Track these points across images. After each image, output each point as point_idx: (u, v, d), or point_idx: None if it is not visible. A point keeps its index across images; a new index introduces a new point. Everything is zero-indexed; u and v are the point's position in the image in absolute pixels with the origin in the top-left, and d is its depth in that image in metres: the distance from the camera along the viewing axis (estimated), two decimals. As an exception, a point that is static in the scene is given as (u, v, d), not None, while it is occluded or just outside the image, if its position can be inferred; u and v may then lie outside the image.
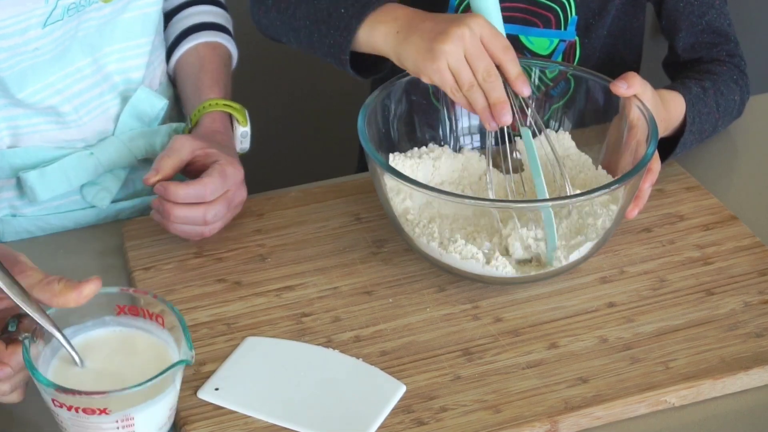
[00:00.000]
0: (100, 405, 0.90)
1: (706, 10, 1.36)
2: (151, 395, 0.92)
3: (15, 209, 1.30)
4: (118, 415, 0.91)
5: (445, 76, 1.14)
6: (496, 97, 1.14)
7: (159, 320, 0.97)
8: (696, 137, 1.30)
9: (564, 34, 1.39)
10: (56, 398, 0.91)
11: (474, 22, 1.14)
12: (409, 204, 1.16)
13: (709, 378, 1.04)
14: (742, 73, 1.37)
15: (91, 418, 0.91)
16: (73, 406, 0.91)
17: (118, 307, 0.98)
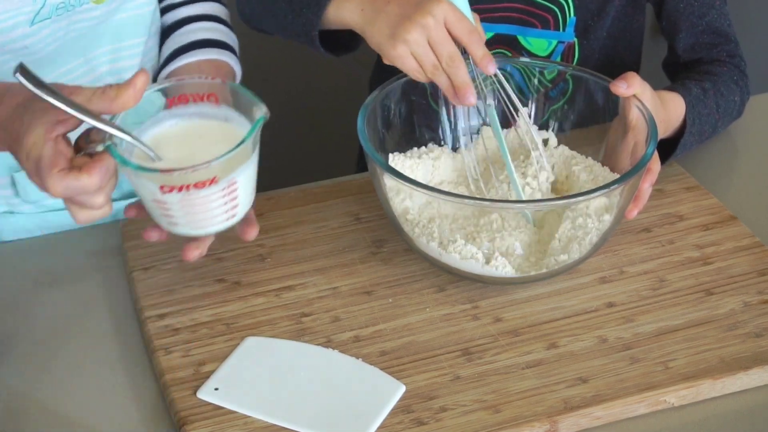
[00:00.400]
0: (208, 175, 0.95)
1: (706, 10, 1.36)
2: (246, 156, 0.97)
3: (12, 207, 1.30)
4: (224, 182, 0.96)
5: (406, 62, 1.15)
6: (460, 81, 1.14)
7: (211, 99, 0.99)
8: (696, 138, 1.30)
9: (562, 36, 1.39)
10: (165, 183, 0.94)
11: (438, 8, 1.13)
12: (409, 204, 1.16)
13: (708, 378, 1.04)
14: (742, 74, 1.37)
15: (201, 192, 0.96)
16: (183, 185, 0.94)
17: (168, 101, 1.00)
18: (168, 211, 0.98)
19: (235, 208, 1.01)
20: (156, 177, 0.95)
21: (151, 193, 0.97)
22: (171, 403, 1.03)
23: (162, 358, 1.07)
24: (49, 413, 1.04)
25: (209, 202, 0.98)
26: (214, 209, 0.99)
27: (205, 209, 0.99)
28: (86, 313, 1.15)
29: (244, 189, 1.00)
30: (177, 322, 1.11)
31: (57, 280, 1.20)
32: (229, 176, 0.97)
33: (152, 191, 0.97)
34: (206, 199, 0.97)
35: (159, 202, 0.98)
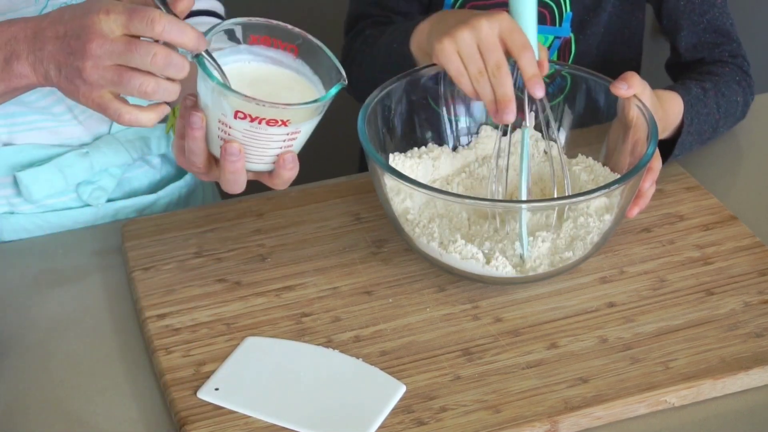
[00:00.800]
0: (284, 116, 0.98)
1: (707, 8, 1.36)
2: (317, 112, 1.00)
3: (13, 206, 1.30)
4: (292, 127, 0.99)
5: (451, 58, 1.13)
6: (503, 94, 1.12)
7: (292, 51, 1.01)
8: (695, 138, 1.30)
9: (558, 31, 1.39)
10: (242, 109, 0.97)
11: (496, 16, 1.13)
12: (409, 204, 1.16)
13: (709, 378, 1.04)
14: (745, 74, 1.37)
15: (270, 129, 0.99)
16: (258, 117, 0.97)
17: (252, 37, 1.02)
18: (228, 136, 1.01)
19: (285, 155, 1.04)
20: (237, 100, 0.97)
21: (223, 115, 0.99)
22: (171, 403, 1.03)
23: (162, 358, 1.07)
24: (49, 413, 1.04)
25: (270, 142, 1.01)
26: (270, 150, 1.02)
27: (262, 146, 1.01)
28: (86, 313, 1.15)
29: (301, 141, 1.03)
30: (177, 322, 1.11)
31: (57, 280, 1.20)
32: (297, 124, 1.00)
33: (225, 113, 0.99)
34: (269, 138, 1.00)
35: (224, 125, 1.00)
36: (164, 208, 1.36)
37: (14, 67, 1.02)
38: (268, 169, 1.05)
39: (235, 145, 1.01)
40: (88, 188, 1.31)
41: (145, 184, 1.37)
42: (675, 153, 1.29)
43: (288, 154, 1.03)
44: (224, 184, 1.06)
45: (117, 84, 0.97)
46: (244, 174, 1.04)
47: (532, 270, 1.12)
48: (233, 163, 1.02)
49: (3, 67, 1.02)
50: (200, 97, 1.01)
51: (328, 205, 1.27)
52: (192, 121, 1.02)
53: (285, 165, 1.04)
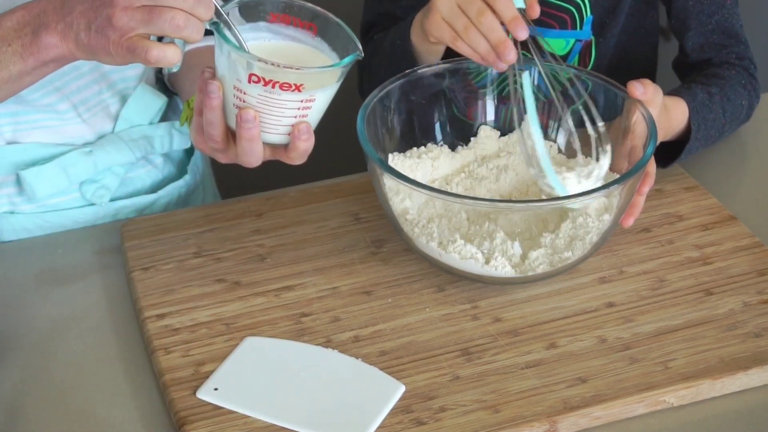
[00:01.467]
0: (298, 80, 0.99)
1: (716, 9, 1.36)
2: (332, 80, 1.02)
3: (14, 206, 1.30)
4: (306, 93, 1.00)
5: (442, 27, 1.17)
6: (496, 38, 1.15)
7: (311, 29, 1.03)
8: (702, 143, 1.30)
9: (580, 34, 1.39)
10: (256, 72, 0.98)
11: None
12: (408, 204, 1.16)
13: (708, 378, 1.04)
14: (751, 77, 1.36)
15: (284, 95, 1.00)
16: (271, 80, 0.99)
17: (271, 15, 1.04)
18: (243, 104, 1.02)
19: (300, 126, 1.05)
20: (250, 62, 0.99)
21: (238, 80, 1.01)
22: (170, 403, 1.03)
23: (162, 358, 1.07)
24: (49, 413, 1.04)
25: (284, 109, 1.02)
26: (284, 118, 1.03)
27: (277, 113, 1.02)
28: (86, 313, 1.15)
29: (316, 112, 1.04)
30: (177, 322, 1.11)
31: (57, 280, 1.20)
32: (312, 91, 1.01)
33: (239, 78, 1.00)
34: (283, 104, 1.01)
35: (240, 91, 1.01)
36: (164, 208, 1.36)
37: (42, 38, 1.04)
38: (284, 141, 1.05)
39: (250, 111, 1.02)
40: (91, 187, 1.31)
41: (147, 184, 1.37)
42: (681, 157, 1.29)
43: (302, 124, 1.04)
44: (241, 156, 1.07)
45: (148, 22, 0.99)
46: (259, 143, 1.05)
47: (531, 270, 1.12)
48: (249, 130, 1.04)
49: (32, 41, 1.04)
50: (216, 66, 1.03)
51: (327, 205, 1.27)
52: (209, 90, 1.03)
53: (300, 135, 1.05)
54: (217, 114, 1.05)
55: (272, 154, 1.08)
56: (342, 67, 1.02)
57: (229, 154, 1.09)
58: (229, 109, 1.04)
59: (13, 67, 1.06)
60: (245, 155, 1.06)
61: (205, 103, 1.05)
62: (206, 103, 1.04)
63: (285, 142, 1.06)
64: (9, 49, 1.05)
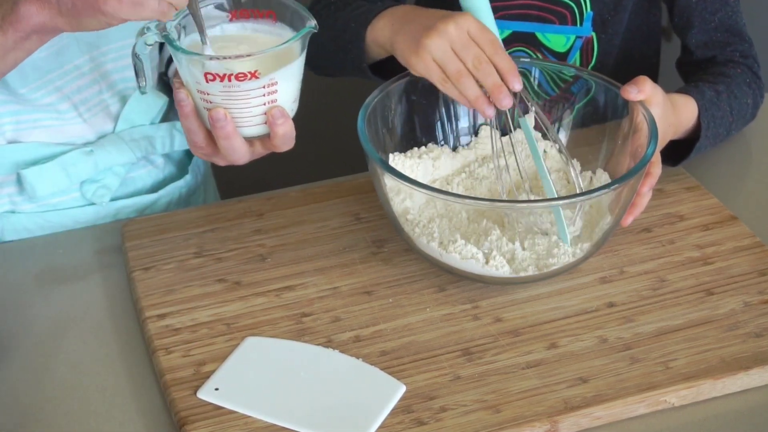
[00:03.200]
0: (250, 68, 1.00)
1: (719, 6, 1.36)
2: (289, 59, 1.02)
3: (15, 205, 1.30)
4: (265, 79, 1.01)
5: (430, 67, 1.16)
6: (493, 82, 1.14)
7: (270, 16, 1.05)
8: (711, 142, 1.30)
9: (580, 30, 1.39)
10: (208, 70, 0.99)
11: (461, 18, 1.16)
12: (409, 204, 1.16)
13: (709, 378, 1.04)
14: (755, 76, 1.36)
15: (243, 85, 1.01)
16: (225, 74, 1.00)
17: (230, 14, 1.05)
18: (210, 104, 1.03)
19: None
20: (200, 63, 1.00)
21: (197, 83, 1.02)
22: (171, 403, 1.03)
23: (162, 358, 1.07)
24: (49, 413, 1.04)
25: (249, 99, 1.02)
26: (253, 108, 1.03)
27: (244, 105, 1.03)
28: (86, 313, 1.15)
29: (284, 94, 1.04)
30: (177, 322, 1.11)
31: (57, 279, 1.20)
32: (270, 75, 1.01)
33: (197, 80, 1.02)
34: (246, 95, 1.02)
35: (203, 93, 1.03)
36: (164, 208, 1.36)
37: (21, 8, 1.03)
38: (264, 131, 1.06)
39: (219, 110, 1.03)
40: (92, 187, 1.31)
41: (148, 184, 1.37)
42: (690, 156, 1.29)
43: (274, 109, 1.04)
44: (225, 156, 1.08)
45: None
46: (238, 139, 1.06)
47: (523, 270, 1.12)
48: (222, 128, 1.04)
49: (11, 11, 1.04)
50: (181, 77, 1.05)
51: (328, 205, 1.27)
52: (179, 99, 1.05)
53: (275, 121, 1.05)
54: (193, 120, 1.06)
55: (262, 147, 1.09)
56: (293, 42, 1.02)
57: (221, 157, 1.10)
58: (201, 112, 1.06)
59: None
60: (228, 154, 1.07)
61: (180, 112, 1.06)
62: (180, 112, 1.06)
63: (265, 131, 1.07)
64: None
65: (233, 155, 1.07)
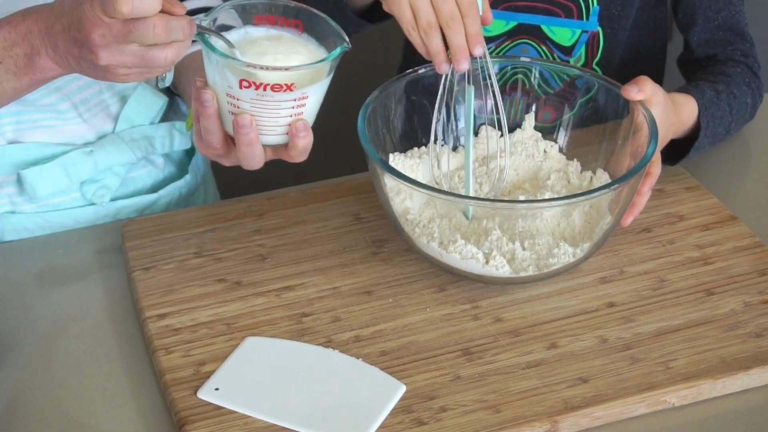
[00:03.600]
0: (288, 80, 1.00)
1: (723, 6, 1.36)
2: (322, 76, 1.02)
3: (15, 205, 1.30)
4: (298, 92, 1.01)
5: (404, 8, 1.13)
6: (458, 43, 1.13)
7: (297, 26, 1.04)
8: (710, 141, 1.30)
9: (586, 25, 1.39)
10: (246, 77, 0.98)
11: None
12: (409, 204, 1.16)
13: (709, 378, 1.04)
14: (754, 76, 1.37)
15: (276, 96, 1.00)
16: (262, 83, 0.99)
17: (256, 18, 1.04)
18: (238, 109, 1.02)
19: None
20: (240, 68, 0.99)
21: (229, 87, 1.01)
22: (171, 403, 1.03)
23: (162, 358, 1.07)
24: (49, 413, 1.04)
25: (278, 110, 1.02)
26: (280, 118, 1.03)
27: (272, 115, 1.03)
28: (86, 313, 1.15)
29: (310, 108, 1.04)
30: (177, 322, 1.11)
31: (57, 279, 1.20)
32: (303, 89, 1.01)
33: (230, 84, 1.01)
34: (277, 105, 1.02)
35: (232, 97, 1.02)
36: (165, 208, 1.36)
37: (36, 61, 1.03)
38: (282, 141, 1.06)
39: (246, 116, 1.02)
40: (92, 187, 1.31)
41: (148, 184, 1.37)
42: (689, 155, 1.29)
43: (299, 122, 1.04)
44: (242, 161, 1.07)
45: (141, 65, 0.98)
46: (259, 146, 1.05)
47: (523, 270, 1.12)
48: (246, 135, 1.03)
49: (27, 63, 1.03)
50: (208, 76, 1.03)
51: (328, 205, 1.27)
52: (203, 99, 1.03)
53: (298, 133, 1.05)
54: (213, 122, 1.05)
55: (273, 154, 1.08)
56: (330, 61, 1.02)
57: (231, 158, 1.09)
58: (224, 115, 1.05)
59: (6, 84, 1.05)
60: (246, 160, 1.06)
61: (201, 112, 1.05)
62: (202, 112, 1.05)
63: (284, 141, 1.06)
64: (1, 66, 1.04)
65: (251, 161, 1.06)
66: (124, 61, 0.97)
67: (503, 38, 1.39)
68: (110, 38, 0.96)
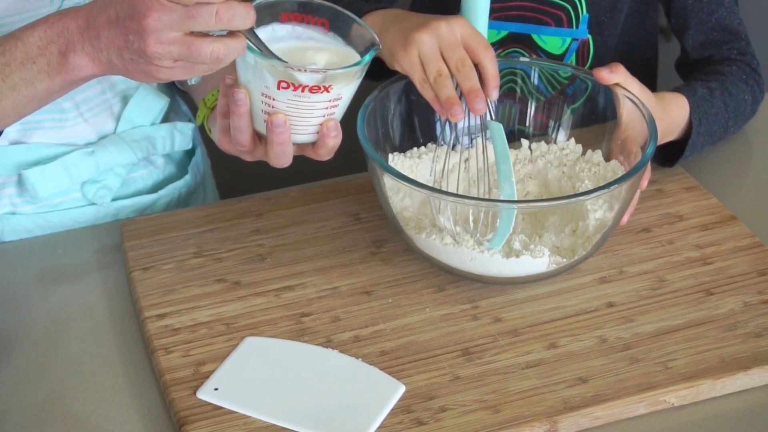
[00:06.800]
0: (327, 82, 1.00)
1: (715, 7, 1.37)
2: (356, 77, 1.03)
3: (15, 206, 1.30)
4: (333, 93, 1.01)
5: (414, 63, 1.15)
6: (471, 86, 1.13)
7: (323, 24, 1.04)
8: (706, 139, 1.30)
9: (576, 33, 1.39)
10: (285, 78, 0.98)
11: (454, 20, 1.16)
12: (409, 203, 1.16)
13: (708, 378, 1.04)
14: (753, 72, 1.36)
15: (313, 97, 1.01)
16: (301, 85, 0.99)
17: (283, 15, 1.04)
18: (272, 109, 1.02)
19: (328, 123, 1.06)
20: (279, 70, 0.99)
21: (265, 87, 1.01)
22: (171, 403, 1.03)
23: (162, 358, 1.07)
24: (48, 413, 1.04)
25: (313, 110, 1.03)
26: (314, 118, 1.04)
27: (307, 115, 1.03)
28: (86, 313, 1.15)
29: (342, 108, 1.05)
30: (177, 322, 1.11)
31: (57, 279, 1.20)
32: (339, 90, 1.02)
33: (268, 84, 1.01)
34: (312, 106, 1.02)
35: (268, 97, 1.02)
36: (164, 208, 1.37)
37: (71, 59, 1.02)
38: (312, 139, 1.06)
39: (280, 116, 1.02)
40: (93, 187, 1.31)
41: (148, 184, 1.37)
42: (686, 154, 1.29)
43: (331, 121, 1.05)
44: (272, 159, 1.07)
45: (186, 57, 0.97)
46: (290, 146, 1.05)
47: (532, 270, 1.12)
48: (280, 134, 1.04)
49: (59, 61, 1.02)
50: (239, 74, 1.03)
51: (327, 205, 1.27)
52: (237, 98, 1.03)
53: (329, 133, 1.05)
54: (245, 120, 1.05)
55: (298, 150, 1.09)
56: (365, 62, 1.02)
57: (255, 155, 1.09)
58: (256, 114, 1.04)
59: (39, 84, 1.04)
60: (276, 158, 1.06)
61: (233, 110, 1.04)
62: (234, 111, 1.04)
63: (314, 140, 1.07)
64: (34, 66, 1.03)
65: (281, 159, 1.06)
66: (171, 51, 0.96)
67: (494, 47, 1.39)
68: (166, 22, 0.95)
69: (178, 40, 0.96)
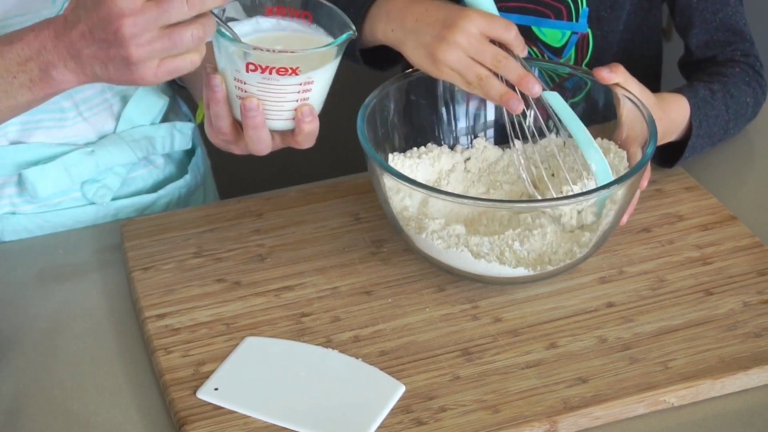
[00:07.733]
0: (293, 63, 1.02)
1: (720, 7, 1.36)
2: (327, 60, 1.04)
3: (15, 206, 1.30)
4: (303, 77, 1.03)
5: (452, 76, 1.19)
6: (517, 75, 1.16)
7: (306, 17, 1.07)
8: (706, 141, 1.30)
9: (576, 26, 1.39)
10: (252, 60, 1.01)
11: (467, 22, 1.16)
12: (409, 203, 1.16)
13: (708, 378, 1.04)
14: (756, 74, 1.36)
15: (282, 80, 1.03)
16: (267, 66, 1.02)
17: (266, 9, 1.07)
18: (245, 93, 1.04)
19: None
20: (246, 52, 1.02)
21: (237, 71, 1.03)
22: (171, 403, 1.03)
23: (162, 358, 1.07)
24: (48, 413, 1.04)
25: (285, 93, 1.04)
26: (286, 102, 1.05)
27: (278, 99, 1.05)
28: (86, 312, 1.15)
29: (316, 94, 1.06)
30: (177, 322, 1.11)
31: (57, 279, 1.20)
32: (308, 73, 1.03)
33: (238, 68, 1.03)
34: (283, 89, 1.04)
35: (240, 81, 1.04)
36: (164, 208, 1.37)
37: (54, 75, 1.02)
38: (290, 126, 1.08)
39: (253, 99, 1.04)
40: (93, 187, 1.31)
41: (148, 184, 1.37)
42: (685, 155, 1.29)
43: (305, 106, 1.06)
44: (250, 145, 1.08)
45: (170, 49, 0.98)
46: (266, 130, 1.07)
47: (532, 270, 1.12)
48: (253, 118, 1.05)
49: (42, 77, 1.03)
50: (217, 63, 1.06)
51: (327, 205, 1.27)
52: (213, 84, 1.05)
53: (304, 118, 1.06)
54: (222, 107, 1.07)
55: (282, 141, 1.10)
56: (335, 46, 1.04)
57: (240, 145, 1.11)
58: (233, 100, 1.07)
59: (20, 97, 1.05)
60: (253, 143, 1.08)
61: (210, 97, 1.07)
62: (211, 97, 1.07)
63: (291, 127, 1.08)
64: (15, 81, 1.04)
65: (258, 145, 1.08)
66: (154, 50, 0.97)
67: None
68: (142, 24, 0.96)
69: (157, 36, 0.97)
